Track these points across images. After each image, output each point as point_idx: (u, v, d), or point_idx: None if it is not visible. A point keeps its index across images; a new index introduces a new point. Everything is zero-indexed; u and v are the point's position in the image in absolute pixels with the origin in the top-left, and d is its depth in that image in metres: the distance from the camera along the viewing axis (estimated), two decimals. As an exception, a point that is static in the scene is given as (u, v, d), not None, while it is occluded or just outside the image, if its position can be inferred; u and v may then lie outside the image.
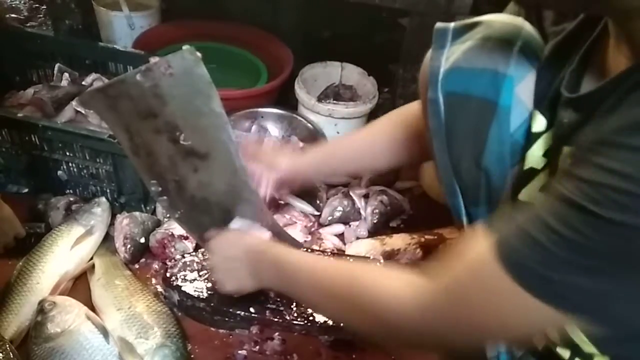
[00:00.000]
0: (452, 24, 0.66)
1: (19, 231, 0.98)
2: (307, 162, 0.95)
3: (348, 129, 1.36)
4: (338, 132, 1.35)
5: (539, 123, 0.62)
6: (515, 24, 0.64)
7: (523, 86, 0.62)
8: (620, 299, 0.45)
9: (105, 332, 0.84)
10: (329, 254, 1.04)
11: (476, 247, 0.52)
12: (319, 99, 1.35)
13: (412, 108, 0.84)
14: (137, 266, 1.02)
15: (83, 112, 1.15)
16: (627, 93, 0.44)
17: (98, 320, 0.86)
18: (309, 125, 1.34)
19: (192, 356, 0.88)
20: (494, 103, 0.61)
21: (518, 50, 0.61)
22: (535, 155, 0.62)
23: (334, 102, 1.35)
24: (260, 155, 0.94)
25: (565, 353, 0.62)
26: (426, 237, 1.10)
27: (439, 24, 0.67)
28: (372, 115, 1.42)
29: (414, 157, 0.88)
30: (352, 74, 1.46)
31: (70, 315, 0.84)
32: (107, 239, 1.04)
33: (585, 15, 0.58)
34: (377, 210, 1.18)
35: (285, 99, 1.43)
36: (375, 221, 1.17)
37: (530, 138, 0.62)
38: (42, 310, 0.85)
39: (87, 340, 0.82)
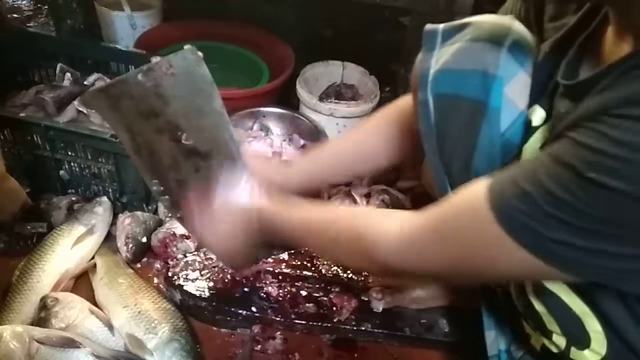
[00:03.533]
0: (441, 26, 0.67)
1: (25, 201, 1.00)
2: (296, 178, 0.87)
3: (350, 128, 1.36)
4: (340, 132, 1.35)
5: (538, 116, 0.62)
6: (504, 24, 0.64)
7: (513, 85, 0.62)
8: (609, 259, 0.46)
9: (109, 326, 0.84)
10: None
11: (471, 190, 0.54)
12: (321, 98, 1.35)
13: (406, 103, 0.82)
14: (139, 265, 1.02)
15: (85, 111, 1.15)
16: (626, 72, 0.44)
17: (102, 314, 0.86)
18: (311, 124, 1.34)
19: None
20: (484, 104, 0.61)
21: (507, 50, 0.62)
22: (532, 148, 0.62)
23: (336, 101, 1.35)
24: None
25: (560, 341, 0.62)
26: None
27: (428, 26, 0.67)
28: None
29: (408, 154, 0.86)
30: (353, 73, 1.46)
31: (73, 311, 0.84)
32: (109, 239, 1.05)
33: (588, 7, 0.59)
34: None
35: (287, 99, 1.43)
36: (376, 221, 1.17)
37: (529, 132, 0.62)
38: (45, 306, 0.85)
39: (92, 334, 0.82)
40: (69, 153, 1.05)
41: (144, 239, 1.03)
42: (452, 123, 0.63)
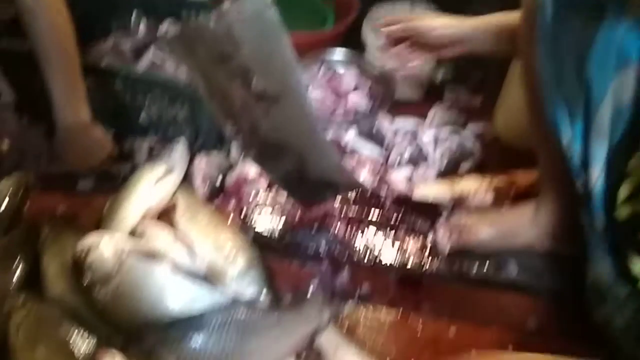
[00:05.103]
0: None
1: (112, 150, 1.09)
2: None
3: (418, 71, 1.34)
4: (407, 75, 1.32)
5: None
6: None
7: None
8: None
9: (192, 254, 0.90)
10: (395, 197, 1.05)
11: None
12: (387, 41, 1.32)
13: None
14: (214, 204, 1.08)
15: (160, 60, 1.20)
16: None
17: (186, 242, 0.93)
18: (377, 67, 1.32)
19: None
20: (602, 7, 0.58)
21: None
22: None
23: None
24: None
25: None
26: (498, 180, 1.08)
27: None
28: (443, 56, 1.37)
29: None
30: (422, 13, 1.41)
31: (160, 239, 0.91)
32: (187, 179, 1.10)
33: None
34: (446, 154, 1.16)
35: (353, 42, 1.41)
36: (444, 165, 1.16)
37: None
38: (134, 236, 0.93)
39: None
40: (148, 99, 1.11)
41: (219, 180, 1.09)
42: (568, 26, 0.61)
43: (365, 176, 1.11)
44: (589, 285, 0.77)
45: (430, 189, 1.09)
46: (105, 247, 0.84)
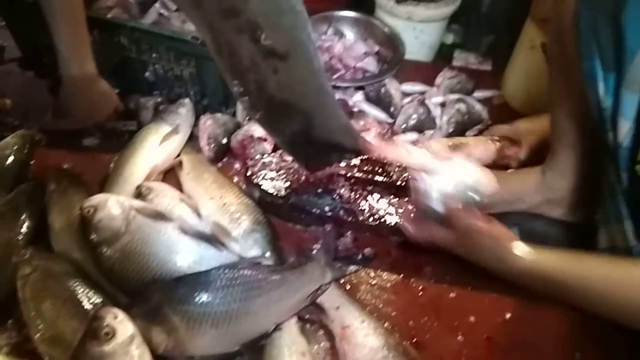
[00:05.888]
0: None
1: (117, 105, 1.08)
2: None
3: (427, 34, 1.31)
4: (416, 37, 1.30)
5: None
6: None
7: None
8: None
9: (197, 213, 0.90)
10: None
11: None
12: (398, 1, 1.29)
13: None
14: (219, 165, 1.08)
15: (166, 14, 1.18)
16: None
17: (191, 202, 0.93)
18: (386, 29, 1.30)
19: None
20: None
21: None
22: None
23: (414, 2, 1.28)
24: None
25: None
26: (502, 142, 1.06)
27: None
28: (455, 18, 1.35)
29: None
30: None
31: (166, 198, 0.90)
32: (192, 139, 1.10)
33: None
34: (453, 119, 1.15)
35: (362, 2, 1.38)
36: (451, 130, 1.15)
37: None
38: (140, 194, 0.92)
39: (182, 219, 0.88)
40: (153, 55, 1.09)
41: (224, 140, 1.08)
42: None
43: (371, 140, 1.10)
44: (604, 250, 0.77)
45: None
46: (113, 206, 0.83)
